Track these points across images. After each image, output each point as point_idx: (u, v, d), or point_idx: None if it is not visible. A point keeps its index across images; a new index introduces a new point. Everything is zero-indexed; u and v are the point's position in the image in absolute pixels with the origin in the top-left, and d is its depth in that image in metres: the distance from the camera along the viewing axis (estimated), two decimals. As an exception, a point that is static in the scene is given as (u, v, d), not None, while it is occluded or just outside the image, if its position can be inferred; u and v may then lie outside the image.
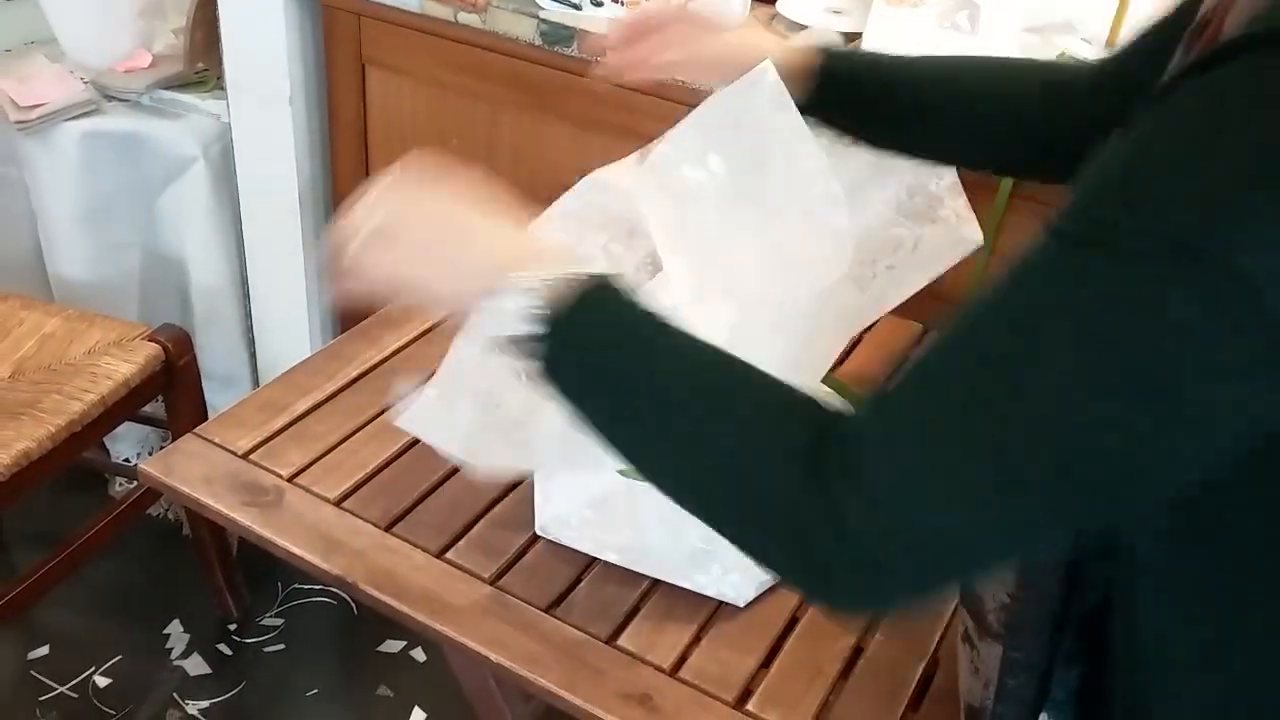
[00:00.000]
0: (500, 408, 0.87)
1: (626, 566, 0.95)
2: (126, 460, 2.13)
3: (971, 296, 0.56)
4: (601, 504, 0.96)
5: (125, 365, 1.62)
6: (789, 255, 0.87)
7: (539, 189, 1.60)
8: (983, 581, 0.71)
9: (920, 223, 1.02)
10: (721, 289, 0.89)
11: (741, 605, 0.94)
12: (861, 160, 1.00)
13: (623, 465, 0.89)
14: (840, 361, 1.17)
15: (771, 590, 0.95)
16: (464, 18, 1.52)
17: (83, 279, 1.95)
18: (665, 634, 0.91)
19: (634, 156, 1.19)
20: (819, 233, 0.87)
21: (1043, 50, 1.33)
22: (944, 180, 1.01)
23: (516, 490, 1.03)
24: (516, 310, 0.64)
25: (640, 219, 1.06)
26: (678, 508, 0.91)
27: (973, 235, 1.01)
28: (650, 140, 1.21)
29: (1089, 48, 1.30)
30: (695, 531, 0.92)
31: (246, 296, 2.00)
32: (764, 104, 0.85)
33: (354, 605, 1.96)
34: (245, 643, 1.90)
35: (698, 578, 0.93)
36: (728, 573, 0.93)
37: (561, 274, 0.65)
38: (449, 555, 0.97)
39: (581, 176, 1.15)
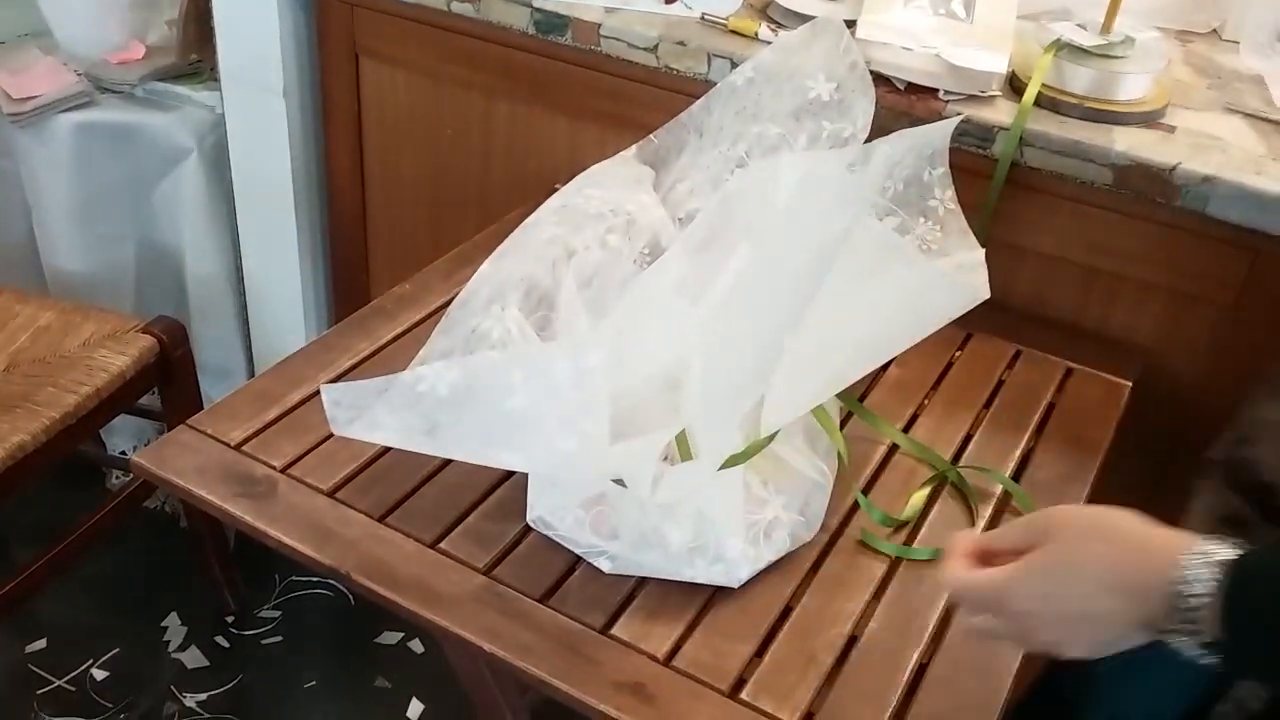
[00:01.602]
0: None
1: (617, 573, 0.95)
2: (123, 453, 2.13)
3: None
4: (594, 505, 0.96)
5: (120, 358, 1.62)
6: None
7: (533, 179, 1.61)
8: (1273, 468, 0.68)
9: (912, 213, 1.01)
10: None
11: (736, 586, 0.94)
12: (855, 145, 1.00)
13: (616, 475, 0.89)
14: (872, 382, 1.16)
15: (765, 576, 0.95)
16: (457, 7, 1.51)
17: (77, 271, 1.94)
18: (659, 623, 0.91)
19: (631, 150, 1.18)
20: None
21: (1038, 37, 1.32)
22: (936, 170, 1.01)
23: (510, 480, 1.03)
24: (1186, 643, 0.63)
25: (640, 207, 1.06)
26: (665, 512, 0.91)
27: (963, 234, 1.01)
28: (644, 129, 1.21)
29: (1085, 34, 1.29)
30: (677, 535, 0.92)
31: (242, 288, 2.00)
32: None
33: (351, 597, 1.97)
34: (243, 635, 1.91)
35: (685, 571, 0.93)
36: (714, 563, 0.93)
37: (1188, 585, 0.62)
38: (442, 545, 0.96)
39: (575, 166, 1.15)
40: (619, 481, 0.90)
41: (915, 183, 1.02)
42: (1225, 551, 0.62)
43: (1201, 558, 0.62)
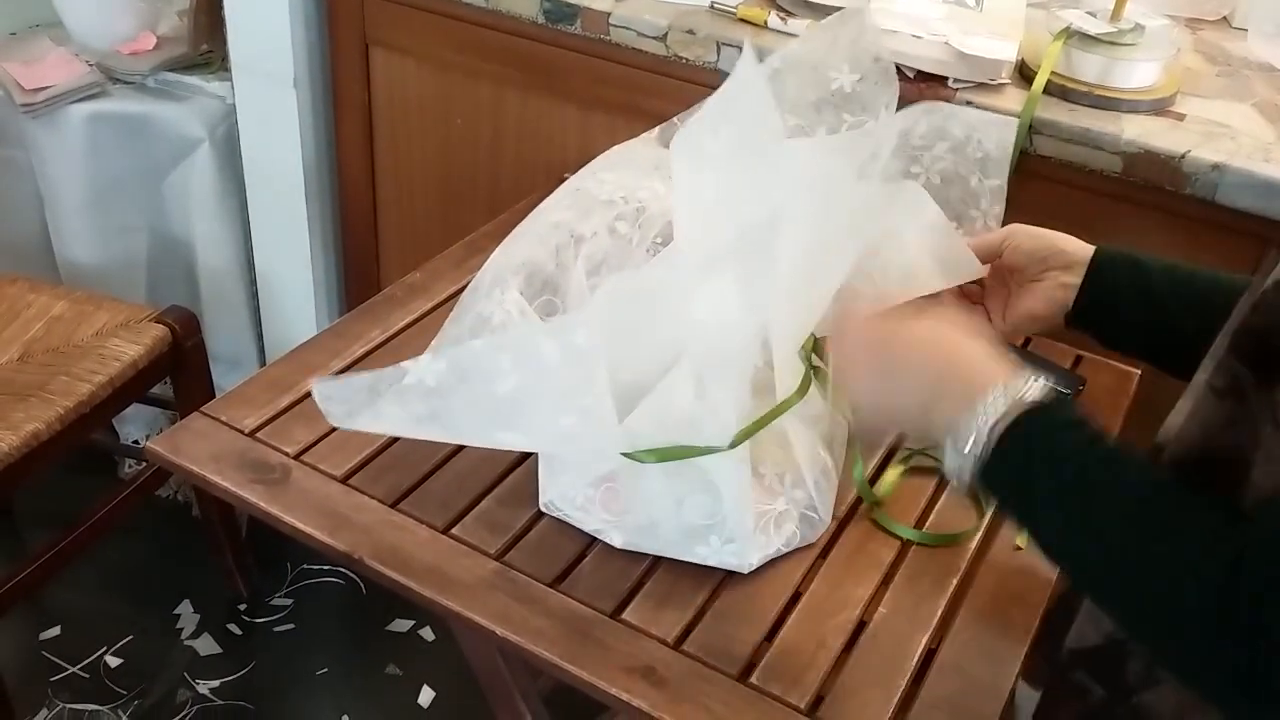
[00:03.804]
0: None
1: (629, 549, 0.96)
2: (135, 442, 2.14)
3: None
4: (604, 483, 0.96)
5: (133, 347, 1.62)
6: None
7: (543, 168, 1.61)
8: None
9: (949, 215, 0.96)
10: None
11: (746, 572, 0.94)
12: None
13: (627, 449, 0.89)
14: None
15: (774, 562, 0.96)
16: (467, -4, 1.52)
17: (90, 261, 1.95)
18: (669, 608, 0.92)
19: (654, 131, 1.18)
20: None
21: (1048, 25, 1.32)
22: (988, 181, 0.98)
23: (522, 466, 1.04)
24: (967, 447, 0.70)
25: (653, 195, 1.05)
26: (675, 487, 0.91)
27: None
28: (653, 118, 1.21)
29: (1094, 22, 1.29)
30: (694, 510, 0.93)
31: (253, 278, 2.01)
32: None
33: (363, 585, 1.98)
34: (255, 622, 1.92)
35: (698, 550, 0.94)
36: (727, 542, 0.93)
37: (1004, 404, 0.69)
38: (454, 531, 0.97)
39: (585, 155, 1.15)
40: (632, 456, 0.90)
41: (959, 183, 0.99)
42: (1012, 400, 0.69)
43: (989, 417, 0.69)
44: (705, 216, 0.87)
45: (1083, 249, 0.90)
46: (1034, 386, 0.70)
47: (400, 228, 1.85)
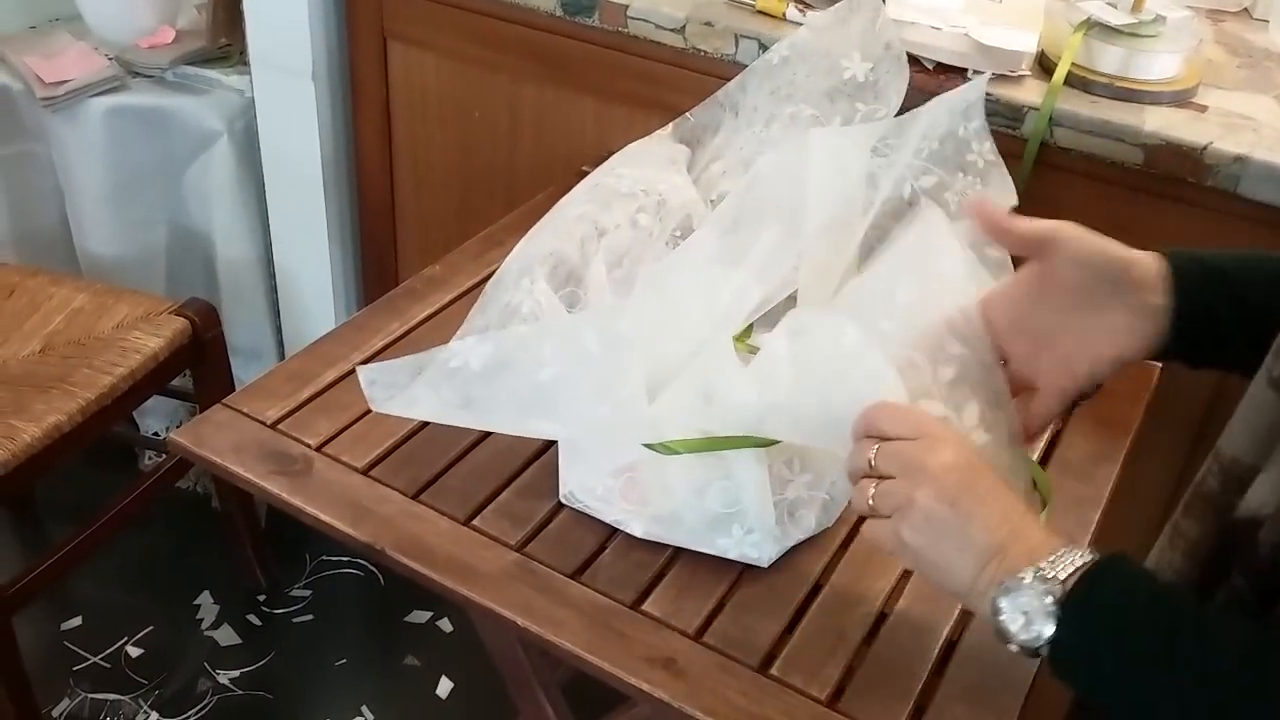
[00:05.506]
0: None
1: (650, 539, 0.96)
2: (155, 434, 2.15)
3: None
4: (625, 473, 0.96)
5: (153, 339, 1.63)
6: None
7: (561, 161, 1.61)
8: None
9: (950, 170, 0.98)
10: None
11: (765, 565, 0.94)
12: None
13: (650, 440, 0.89)
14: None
15: (794, 554, 0.96)
16: (485, -11, 1.52)
17: (110, 254, 1.97)
18: (689, 600, 0.92)
19: (668, 128, 1.18)
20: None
21: (1068, 17, 1.32)
22: (971, 124, 0.97)
23: (542, 458, 1.04)
24: (1022, 608, 0.64)
25: (672, 188, 1.06)
26: (697, 475, 0.91)
27: (1004, 185, 0.98)
28: (671, 111, 1.22)
29: (1115, 13, 1.29)
30: (716, 498, 0.93)
31: (272, 271, 2.01)
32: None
33: (381, 576, 1.98)
34: (274, 613, 1.93)
35: (719, 541, 0.94)
36: (749, 532, 0.93)
37: (1058, 564, 0.63)
38: (475, 522, 0.97)
39: (602, 148, 1.15)
40: (654, 447, 0.90)
41: (950, 139, 0.98)
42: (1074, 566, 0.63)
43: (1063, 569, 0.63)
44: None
45: (1150, 260, 0.74)
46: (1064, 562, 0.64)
47: (418, 221, 1.85)
